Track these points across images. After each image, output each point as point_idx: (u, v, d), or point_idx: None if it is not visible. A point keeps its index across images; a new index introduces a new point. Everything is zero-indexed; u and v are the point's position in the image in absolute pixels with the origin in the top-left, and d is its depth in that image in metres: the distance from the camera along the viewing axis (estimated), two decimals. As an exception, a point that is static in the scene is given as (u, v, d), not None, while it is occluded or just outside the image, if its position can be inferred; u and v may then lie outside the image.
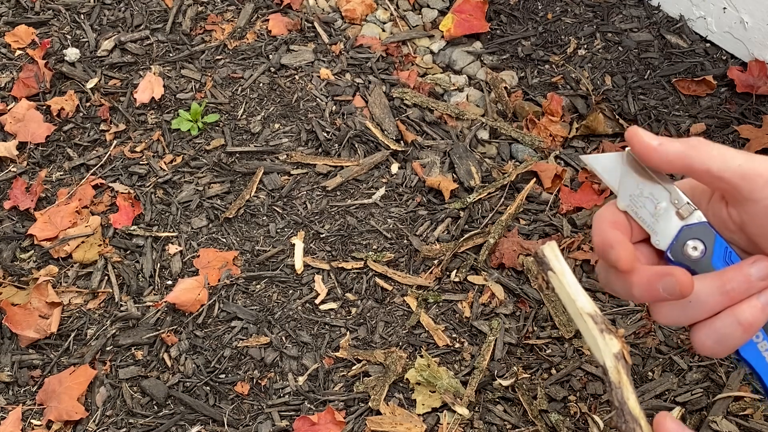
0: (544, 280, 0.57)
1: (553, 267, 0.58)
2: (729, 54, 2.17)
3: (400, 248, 1.86)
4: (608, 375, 0.55)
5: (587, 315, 0.56)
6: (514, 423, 1.61)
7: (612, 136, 2.03)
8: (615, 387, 0.54)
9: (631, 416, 0.53)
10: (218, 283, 1.81)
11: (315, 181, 1.98)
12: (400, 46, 2.26)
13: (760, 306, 0.53)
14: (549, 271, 0.58)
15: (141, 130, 2.09)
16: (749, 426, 1.56)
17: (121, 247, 1.88)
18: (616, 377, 0.54)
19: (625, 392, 0.54)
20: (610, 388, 0.54)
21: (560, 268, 0.58)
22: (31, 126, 2.08)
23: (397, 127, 2.06)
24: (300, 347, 1.73)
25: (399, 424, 1.59)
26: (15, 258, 1.87)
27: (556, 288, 0.58)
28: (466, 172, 1.96)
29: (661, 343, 1.70)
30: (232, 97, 2.14)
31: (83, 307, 1.79)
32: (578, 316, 0.57)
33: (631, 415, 0.53)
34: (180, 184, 1.99)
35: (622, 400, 0.54)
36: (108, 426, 1.64)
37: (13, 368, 1.71)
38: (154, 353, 1.73)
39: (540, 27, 2.27)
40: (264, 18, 2.31)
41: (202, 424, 1.63)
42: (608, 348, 0.55)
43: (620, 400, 0.54)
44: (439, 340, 1.72)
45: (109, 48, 2.25)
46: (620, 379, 0.54)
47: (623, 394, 0.54)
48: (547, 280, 0.58)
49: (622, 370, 0.54)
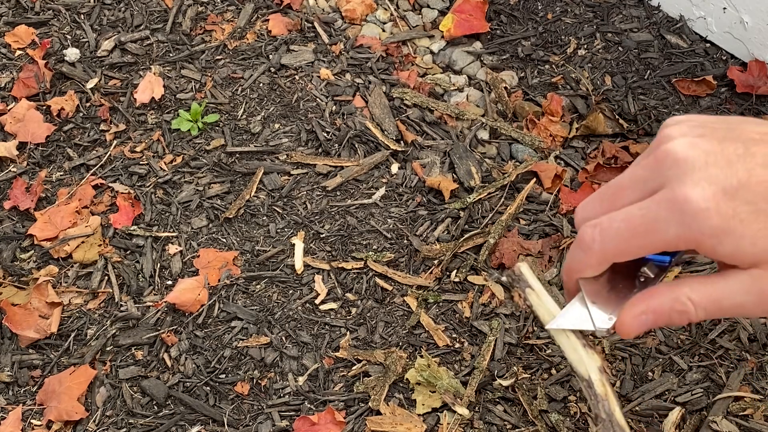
0: (521, 297, 0.58)
1: (531, 284, 0.59)
2: (729, 54, 2.17)
3: (400, 248, 1.86)
4: (593, 388, 0.55)
5: (569, 330, 0.57)
6: (514, 423, 1.61)
7: (612, 136, 2.03)
8: (601, 399, 0.55)
9: (619, 427, 0.55)
10: (218, 283, 1.81)
11: (315, 181, 1.98)
12: (400, 46, 2.26)
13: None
14: (527, 288, 0.59)
15: (141, 130, 2.09)
16: (749, 426, 1.57)
17: (121, 247, 1.88)
18: (602, 390, 0.55)
19: (611, 404, 0.55)
20: (596, 401, 0.55)
21: (537, 286, 0.59)
22: (31, 126, 2.08)
23: (397, 127, 2.06)
24: (300, 347, 1.73)
25: (399, 424, 1.59)
26: (15, 258, 1.87)
27: (534, 305, 0.59)
28: (466, 172, 1.96)
29: (661, 343, 1.70)
30: (232, 97, 2.14)
31: (83, 307, 1.80)
32: (560, 332, 0.57)
33: (619, 426, 0.55)
34: (180, 184, 1.99)
35: (610, 412, 0.55)
36: (108, 426, 1.64)
37: (13, 368, 1.71)
38: (154, 353, 1.73)
39: (540, 27, 2.27)
40: (264, 18, 2.31)
41: (202, 424, 1.63)
42: (592, 361, 0.56)
43: (608, 412, 0.55)
44: (439, 340, 1.72)
45: (109, 48, 2.25)
46: (606, 392, 0.55)
47: (610, 407, 0.55)
48: (524, 297, 0.59)
49: (606, 383, 0.56)
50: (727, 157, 0.49)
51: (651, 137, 2.02)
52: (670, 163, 0.50)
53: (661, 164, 0.51)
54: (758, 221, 0.48)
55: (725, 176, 0.48)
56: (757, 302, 0.50)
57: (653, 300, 0.53)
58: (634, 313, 0.53)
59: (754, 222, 0.48)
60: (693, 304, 0.51)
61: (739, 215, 0.48)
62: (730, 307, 0.51)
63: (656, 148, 0.52)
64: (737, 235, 0.48)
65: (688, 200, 0.48)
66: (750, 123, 0.51)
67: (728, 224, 0.48)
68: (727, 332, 1.70)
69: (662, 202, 0.50)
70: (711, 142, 0.50)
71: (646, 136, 2.02)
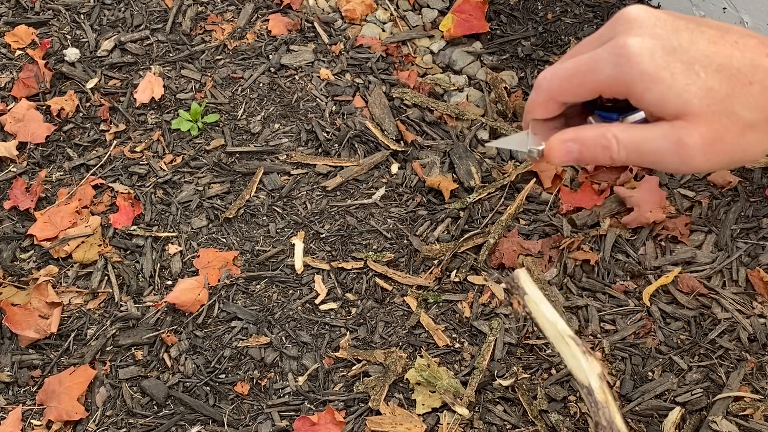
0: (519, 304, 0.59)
1: (529, 292, 0.59)
2: (729, 54, 2.17)
3: (400, 248, 1.86)
4: (594, 395, 0.56)
5: (569, 337, 0.57)
6: (514, 423, 1.61)
7: (612, 136, 2.03)
8: (602, 406, 0.55)
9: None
10: (218, 283, 1.81)
11: (315, 181, 1.98)
12: (400, 46, 2.26)
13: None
14: (525, 295, 0.60)
15: (141, 130, 2.09)
16: (749, 426, 1.57)
17: (121, 247, 1.88)
18: (603, 397, 0.55)
19: (611, 411, 0.55)
20: (596, 408, 0.55)
21: (536, 293, 0.60)
22: (31, 126, 2.08)
23: (397, 127, 2.06)
24: (300, 347, 1.73)
25: (399, 424, 1.59)
26: (15, 258, 1.87)
27: (532, 312, 0.59)
28: (466, 172, 1.96)
29: (661, 343, 1.70)
30: (232, 97, 2.14)
31: (83, 307, 1.80)
32: (559, 338, 0.58)
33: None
34: (180, 184, 1.99)
35: (610, 419, 0.55)
36: (108, 426, 1.64)
37: (13, 368, 1.71)
38: (154, 353, 1.73)
39: (540, 27, 2.27)
40: (264, 18, 2.31)
41: (202, 424, 1.63)
42: (592, 369, 0.56)
43: (608, 419, 0.55)
44: (439, 340, 1.72)
45: (109, 48, 2.25)
46: (606, 399, 0.55)
47: (610, 414, 0.55)
48: (523, 304, 0.59)
49: (606, 389, 0.55)
50: (676, 26, 0.53)
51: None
52: (622, 21, 0.55)
53: (615, 22, 0.56)
54: (687, 78, 0.52)
55: (668, 37, 0.53)
56: (673, 151, 0.53)
57: (582, 131, 0.57)
58: (562, 139, 0.57)
59: (684, 78, 0.52)
60: (617, 142, 0.55)
61: (670, 68, 0.52)
62: (649, 151, 0.54)
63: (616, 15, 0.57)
64: (665, 85, 0.52)
65: (627, 45, 0.53)
66: (712, 22, 0.55)
67: (659, 73, 0.52)
68: (727, 332, 1.70)
69: (606, 47, 0.54)
70: (666, 13, 0.54)
71: (646, 136, 2.02)
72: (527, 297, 0.60)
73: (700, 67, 0.52)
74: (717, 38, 0.53)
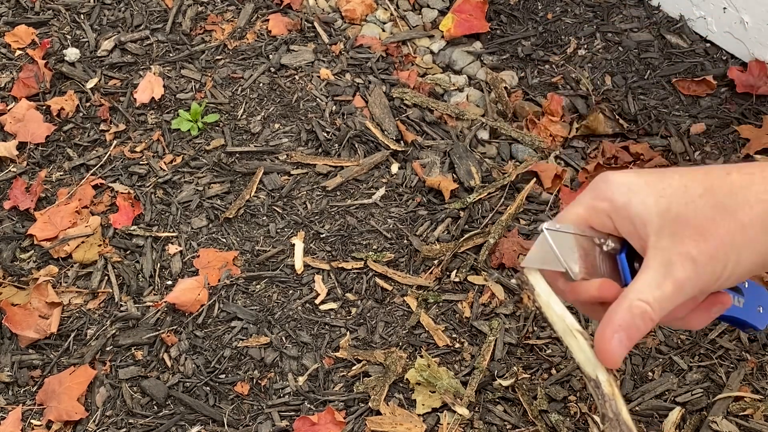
0: (530, 299, 0.61)
1: (538, 287, 0.61)
2: (729, 54, 2.17)
3: (400, 248, 1.86)
4: (601, 388, 0.57)
5: (577, 331, 0.59)
6: (514, 423, 1.61)
7: (612, 136, 2.03)
8: (609, 399, 0.57)
9: (626, 426, 0.56)
10: (218, 283, 1.81)
11: (315, 181, 1.98)
12: (400, 46, 2.26)
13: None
14: (535, 291, 0.62)
15: (141, 130, 2.09)
16: (749, 426, 1.57)
17: (121, 247, 1.88)
18: (610, 390, 0.57)
19: (618, 403, 0.57)
20: (603, 401, 0.57)
21: (545, 289, 0.61)
22: (31, 126, 2.08)
23: (397, 127, 2.06)
24: (300, 347, 1.73)
25: (399, 424, 1.59)
26: (15, 258, 1.87)
27: (542, 306, 0.61)
28: (466, 172, 1.96)
29: (661, 343, 1.70)
30: (232, 97, 2.14)
31: (83, 307, 1.80)
32: (568, 333, 0.59)
33: (626, 425, 0.56)
34: (180, 184, 1.99)
35: (617, 411, 0.56)
36: (108, 426, 1.64)
37: (13, 368, 1.71)
38: (154, 353, 1.73)
39: (540, 27, 2.27)
40: (264, 18, 2.31)
41: (202, 424, 1.63)
42: (599, 362, 0.57)
43: (615, 412, 0.56)
44: (439, 340, 1.72)
45: (109, 48, 2.25)
46: (613, 392, 0.57)
47: (617, 406, 0.56)
48: (533, 300, 0.61)
49: (613, 383, 0.57)
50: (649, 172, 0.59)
51: (651, 137, 2.02)
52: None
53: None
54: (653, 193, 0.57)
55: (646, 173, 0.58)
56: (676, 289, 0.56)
57: (613, 319, 0.56)
58: (607, 337, 0.56)
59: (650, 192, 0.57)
60: (646, 303, 0.55)
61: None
62: (672, 293, 0.55)
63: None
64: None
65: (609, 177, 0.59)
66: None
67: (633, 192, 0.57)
68: (727, 332, 1.70)
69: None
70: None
71: (646, 136, 2.02)
72: (537, 292, 0.61)
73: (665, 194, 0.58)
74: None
